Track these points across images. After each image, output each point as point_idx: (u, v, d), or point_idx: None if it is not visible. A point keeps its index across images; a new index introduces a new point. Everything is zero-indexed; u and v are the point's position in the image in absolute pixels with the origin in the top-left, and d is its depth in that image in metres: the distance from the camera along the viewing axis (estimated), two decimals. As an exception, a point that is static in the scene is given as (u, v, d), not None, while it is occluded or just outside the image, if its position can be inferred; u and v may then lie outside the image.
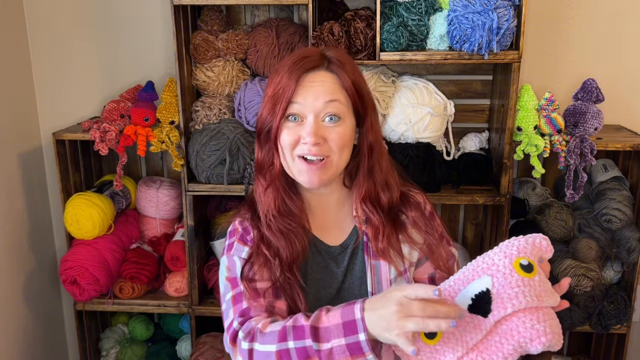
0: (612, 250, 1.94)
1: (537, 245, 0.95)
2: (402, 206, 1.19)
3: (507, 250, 0.92)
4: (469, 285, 0.91)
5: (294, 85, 1.07)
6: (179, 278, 2.11)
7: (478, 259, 0.95)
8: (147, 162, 2.28)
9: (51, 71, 2.21)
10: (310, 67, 1.08)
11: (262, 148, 1.14)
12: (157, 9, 2.12)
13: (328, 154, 1.08)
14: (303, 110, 1.07)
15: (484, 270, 0.92)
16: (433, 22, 1.81)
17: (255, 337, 0.99)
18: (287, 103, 1.07)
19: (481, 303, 0.89)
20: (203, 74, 1.95)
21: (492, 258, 0.93)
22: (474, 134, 2.05)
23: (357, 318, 0.91)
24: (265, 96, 1.12)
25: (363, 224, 1.16)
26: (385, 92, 1.87)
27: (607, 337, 2.12)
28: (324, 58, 1.10)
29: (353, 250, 1.17)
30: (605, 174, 1.99)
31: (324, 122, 1.08)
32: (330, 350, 0.91)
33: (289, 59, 1.11)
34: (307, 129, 1.06)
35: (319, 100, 1.07)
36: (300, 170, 1.10)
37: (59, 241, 2.34)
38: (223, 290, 1.13)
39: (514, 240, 0.94)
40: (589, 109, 1.83)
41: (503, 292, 0.88)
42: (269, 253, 1.10)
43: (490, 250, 0.95)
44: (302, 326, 0.95)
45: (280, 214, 1.14)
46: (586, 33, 2.03)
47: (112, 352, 2.26)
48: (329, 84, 1.08)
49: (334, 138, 1.08)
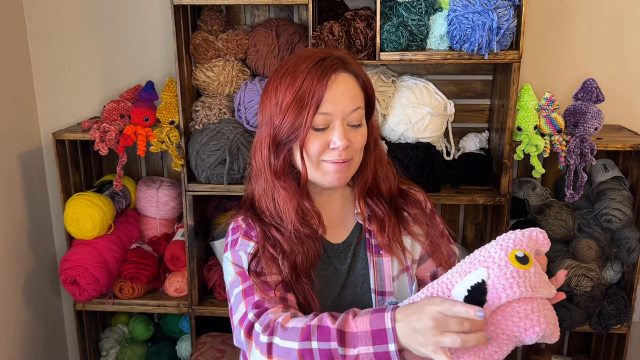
0: (612, 250, 1.94)
1: (534, 239, 0.96)
2: (403, 204, 1.20)
3: (504, 243, 0.93)
4: (465, 277, 0.92)
5: (324, 89, 1.04)
6: (179, 278, 2.11)
7: (475, 252, 0.96)
8: (147, 162, 2.28)
9: (51, 71, 2.21)
10: (334, 70, 1.07)
11: (277, 156, 1.10)
12: (157, 9, 2.12)
13: (352, 155, 1.10)
14: (331, 117, 1.06)
15: (480, 262, 0.92)
16: (433, 22, 1.81)
17: (275, 331, 0.97)
18: (316, 108, 1.04)
19: (477, 294, 0.89)
20: (203, 74, 1.95)
21: (489, 251, 0.94)
22: (474, 134, 2.05)
23: (388, 328, 0.89)
24: (276, 103, 1.08)
25: (367, 221, 1.17)
26: (385, 92, 1.87)
27: (607, 337, 2.12)
28: (338, 59, 1.09)
29: (355, 247, 1.17)
30: (605, 174, 1.99)
31: (349, 126, 1.09)
32: (357, 357, 0.90)
33: (302, 63, 1.07)
34: (337, 134, 1.06)
35: (347, 108, 1.07)
36: (327, 172, 1.09)
37: (59, 241, 2.34)
38: (230, 286, 1.12)
39: (510, 233, 0.95)
40: (589, 109, 1.83)
41: (498, 283, 0.89)
42: (275, 253, 1.10)
43: (488, 243, 0.96)
44: (327, 327, 0.93)
45: (301, 223, 1.12)
46: (586, 33, 2.03)
47: (112, 352, 2.26)
48: (352, 88, 1.08)
49: (358, 141, 1.10)
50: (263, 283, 1.07)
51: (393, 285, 1.14)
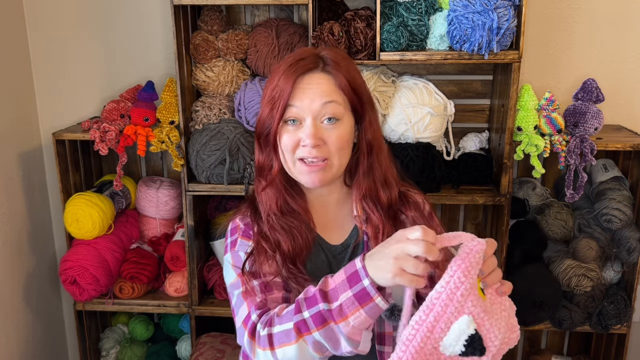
0: (612, 250, 1.94)
1: (478, 255, 0.91)
2: (401, 206, 1.20)
3: (468, 281, 0.90)
4: (451, 330, 0.90)
5: (290, 89, 1.07)
6: (179, 278, 2.11)
7: (439, 295, 0.90)
8: (147, 162, 2.28)
9: (51, 71, 2.21)
10: (306, 70, 1.09)
11: (262, 150, 1.15)
12: (157, 9, 2.12)
13: (327, 156, 1.09)
14: (301, 113, 1.08)
15: (458, 310, 0.90)
16: (433, 22, 1.81)
17: (272, 322, 1.00)
18: (284, 106, 1.08)
19: (476, 346, 0.90)
20: (203, 74, 1.95)
21: (460, 293, 0.89)
22: (474, 134, 2.05)
23: (359, 267, 0.92)
24: (263, 99, 1.13)
25: (363, 224, 1.16)
26: (385, 92, 1.87)
27: (607, 337, 2.12)
28: (319, 59, 1.11)
29: (353, 249, 1.17)
30: (605, 174, 1.99)
31: (323, 124, 1.08)
32: (340, 306, 0.92)
33: (284, 62, 1.11)
34: (305, 131, 1.07)
35: (315, 102, 1.07)
36: (301, 172, 1.11)
37: (59, 241, 2.34)
38: (231, 288, 1.13)
39: (463, 260, 0.90)
40: (589, 109, 1.83)
41: (486, 327, 0.91)
42: (268, 247, 1.11)
43: (451, 274, 0.90)
44: (312, 294, 0.96)
45: (282, 213, 1.14)
46: (586, 33, 2.03)
47: (112, 352, 2.26)
48: (324, 85, 1.09)
49: (333, 140, 1.09)
50: (263, 284, 1.08)
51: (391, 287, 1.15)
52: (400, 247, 0.87)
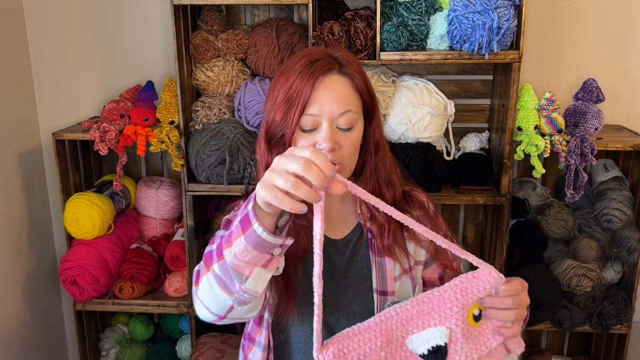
0: (613, 250, 1.94)
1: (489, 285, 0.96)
2: (406, 205, 1.19)
3: (463, 298, 0.94)
4: (425, 331, 0.92)
5: (310, 90, 1.04)
6: (179, 278, 2.11)
7: (432, 297, 0.94)
8: (147, 162, 2.28)
9: (51, 71, 2.21)
10: (324, 72, 1.06)
11: (271, 152, 1.11)
12: (156, 9, 2.12)
13: (341, 161, 1.07)
14: (318, 119, 1.05)
15: (441, 318, 0.92)
16: (433, 21, 1.80)
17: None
18: (302, 109, 1.04)
19: (437, 356, 0.91)
20: (203, 74, 1.95)
21: (450, 307, 0.93)
22: (474, 134, 2.05)
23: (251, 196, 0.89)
24: (272, 99, 1.09)
25: (368, 221, 1.16)
26: (385, 92, 1.87)
27: (607, 337, 2.12)
28: (333, 60, 1.09)
29: (355, 245, 1.17)
30: (605, 174, 1.98)
31: (338, 128, 1.06)
32: (231, 232, 0.90)
33: (298, 62, 1.08)
34: (322, 134, 1.04)
35: (334, 107, 1.05)
36: None
37: (58, 241, 2.34)
38: None
39: (469, 282, 0.95)
40: (590, 108, 1.83)
41: (458, 348, 0.92)
42: None
43: (450, 286, 0.95)
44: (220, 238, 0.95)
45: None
46: (586, 33, 2.03)
47: (112, 352, 2.26)
48: (342, 89, 1.07)
49: (347, 145, 1.07)
50: None
51: (395, 286, 1.14)
52: (279, 160, 0.82)
